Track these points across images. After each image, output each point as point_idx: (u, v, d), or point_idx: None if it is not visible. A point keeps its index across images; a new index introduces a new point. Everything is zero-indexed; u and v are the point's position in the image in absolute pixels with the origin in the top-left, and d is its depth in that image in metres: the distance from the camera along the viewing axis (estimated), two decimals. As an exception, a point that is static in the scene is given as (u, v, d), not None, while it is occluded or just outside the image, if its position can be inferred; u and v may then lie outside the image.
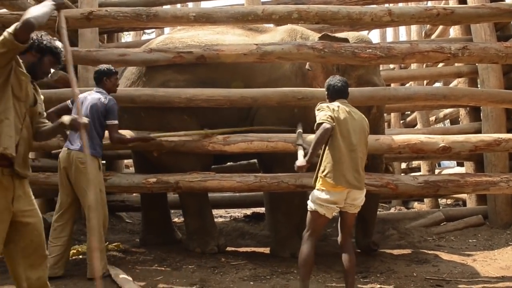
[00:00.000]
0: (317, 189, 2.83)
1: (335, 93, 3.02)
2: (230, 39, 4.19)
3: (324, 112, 2.85)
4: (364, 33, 6.00)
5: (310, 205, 2.86)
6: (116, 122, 3.52)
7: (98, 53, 4.05)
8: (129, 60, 3.99)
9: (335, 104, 2.92)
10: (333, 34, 4.09)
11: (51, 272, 3.23)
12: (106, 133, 3.60)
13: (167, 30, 10.56)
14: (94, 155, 3.37)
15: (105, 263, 3.35)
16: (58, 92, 4.15)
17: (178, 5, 7.33)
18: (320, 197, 2.79)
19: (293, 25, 4.43)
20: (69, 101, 3.59)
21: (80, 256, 3.97)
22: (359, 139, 2.87)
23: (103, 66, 3.68)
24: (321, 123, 2.80)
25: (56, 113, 3.56)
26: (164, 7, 6.33)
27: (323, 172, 2.81)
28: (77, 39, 5.61)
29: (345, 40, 3.99)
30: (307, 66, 4.12)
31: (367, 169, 4.04)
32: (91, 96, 3.54)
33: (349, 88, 3.98)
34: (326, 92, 3.08)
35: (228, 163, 5.49)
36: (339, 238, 2.99)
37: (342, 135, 2.81)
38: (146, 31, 10.39)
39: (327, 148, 2.85)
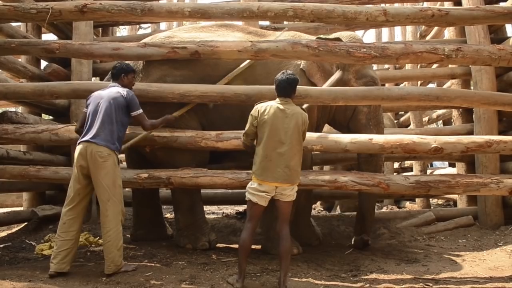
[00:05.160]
0: (251, 181, 3.14)
1: (278, 91, 3.21)
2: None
3: (248, 121, 3.20)
4: (359, 32, 6.03)
5: (246, 194, 3.14)
6: (141, 111, 3.53)
7: (91, 47, 4.01)
8: (122, 54, 3.96)
9: (269, 104, 3.14)
10: (326, 36, 4.12)
11: (58, 267, 3.23)
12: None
13: (163, 25, 10.54)
14: (113, 149, 3.34)
15: (122, 259, 3.33)
16: (50, 85, 4.13)
17: (174, 0, 7.32)
18: (251, 186, 3.11)
19: (297, 32, 4.47)
20: (84, 109, 3.55)
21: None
22: (291, 135, 3.06)
23: (122, 63, 3.67)
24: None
25: (82, 127, 3.51)
26: (160, 1, 6.31)
27: (253, 169, 3.12)
28: (71, 32, 5.58)
29: (338, 39, 4.02)
30: (301, 66, 4.16)
31: (364, 170, 4.15)
32: (108, 90, 3.51)
33: (344, 88, 4.08)
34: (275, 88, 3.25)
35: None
36: (277, 225, 3.20)
37: (270, 134, 3.06)
38: (143, 25, 10.35)
39: (257, 146, 3.14)
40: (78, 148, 3.35)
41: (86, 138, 3.33)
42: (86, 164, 3.30)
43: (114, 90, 3.50)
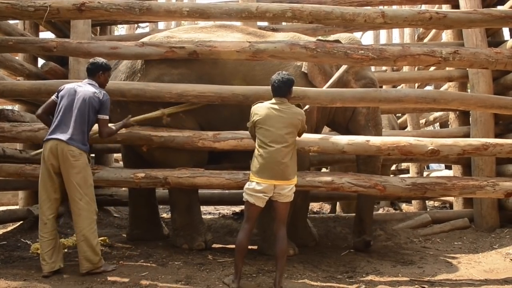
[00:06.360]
0: (249, 181, 3.13)
1: (274, 91, 3.24)
2: None
3: (250, 119, 3.22)
4: (357, 34, 6.05)
5: (243, 195, 3.14)
6: (108, 117, 3.46)
7: (89, 45, 4.00)
8: (120, 54, 3.95)
9: (265, 105, 3.18)
10: (326, 38, 4.13)
11: (50, 266, 3.22)
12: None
13: (161, 24, 10.52)
14: (84, 150, 3.32)
15: (99, 258, 3.32)
16: (47, 83, 4.11)
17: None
18: (249, 187, 3.10)
19: (297, 33, 4.48)
20: (54, 96, 3.48)
21: (65, 250, 3.94)
22: (285, 134, 3.10)
23: (101, 60, 3.57)
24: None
25: (46, 113, 3.48)
26: (159, 0, 6.30)
27: (251, 167, 3.13)
28: (69, 30, 5.56)
29: (338, 41, 4.03)
30: (302, 69, 4.17)
31: (362, 171, 4.15)
32: (84, 88, 3.42)
33: (341, 89, 4.09)
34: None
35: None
36: (274, 226, 3.20)
37: (267, 133, 3.09)
38: (141, 25, 10.32)
39: (255, 145, 3.17)
40: (48, 146, 3.27)
41: (57, 135, 3.25)
42: (57, 163, 3.26)
43: (90, 89, 3.41)
